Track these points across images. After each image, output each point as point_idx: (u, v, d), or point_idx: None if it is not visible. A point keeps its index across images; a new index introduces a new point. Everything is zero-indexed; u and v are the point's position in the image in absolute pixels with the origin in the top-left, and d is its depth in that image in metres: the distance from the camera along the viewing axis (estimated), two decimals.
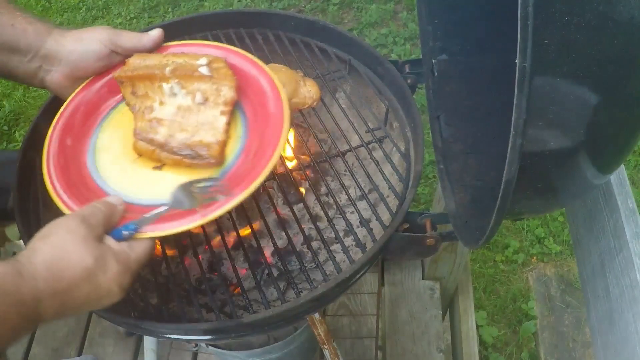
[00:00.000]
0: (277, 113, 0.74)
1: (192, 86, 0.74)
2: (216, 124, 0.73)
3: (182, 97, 0.74)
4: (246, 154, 0.72)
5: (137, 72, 0.76)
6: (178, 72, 0.74)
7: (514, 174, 0.49)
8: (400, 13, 2.97)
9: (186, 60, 0.76)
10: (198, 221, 0.65)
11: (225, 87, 0.74)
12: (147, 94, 0.75)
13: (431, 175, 2.27)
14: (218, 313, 0.77)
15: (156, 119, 0.74)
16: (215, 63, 0.76)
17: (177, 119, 0.74)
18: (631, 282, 0.69)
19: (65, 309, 0.57)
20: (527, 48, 0.42)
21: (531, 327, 1.91)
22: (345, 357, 1.56)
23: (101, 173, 0.74)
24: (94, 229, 0.60)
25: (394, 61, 1.01)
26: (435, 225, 0.84)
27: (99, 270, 0.58)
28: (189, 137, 0.72)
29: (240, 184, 0.67)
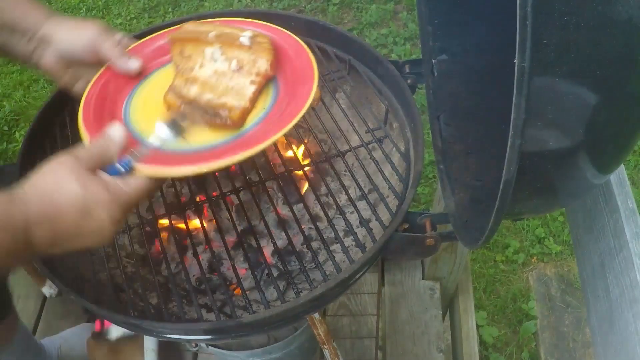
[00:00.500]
0: (303, 96, 0.76)
1: (231, 53, 0.79)
2: (244, 91, 0.77)
3: (220, 62, 0.79)
4: (264, 123, 0.76)
5: (189, 35, 0.83)
6: (221, 38, 0.80)
7: (513, 174, 0.49)
8: (400, 13, 2.97)
9: (233, 30, 0.82)
10: (200, 167, 0.67)
11: (262, 60, 0.78)
12: (191, 56, 0.81)
13: (431, 175, 2.27)
14: (218, 313, 0.78)
15: (192, 78, 0.79)
16: (259, 38, 0.81)
17: (211, 80, 0.78)
18: (631, 282, 0.69)
19: (57, 238, 0.58)
20: (526, 48, 0.42)
21: (531, 327, 1.91)
22: (345, 357, 1.56)
23: (132, 121, 0.78)
24: (85, 162, 0.61)
25: (394, 61, 1.01)
26: (435, 225, 0.84)
27: (89, 198, 0.59)
28: (215, 98, 0.77)
29: (249, 144, 0.69)
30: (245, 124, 0.76)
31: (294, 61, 0.83)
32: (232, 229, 0.91)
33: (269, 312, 0.73)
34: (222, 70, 0.79)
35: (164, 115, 0.78)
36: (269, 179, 0.95)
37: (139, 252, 1.03)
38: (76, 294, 0.77)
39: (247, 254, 0.87)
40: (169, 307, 0.94)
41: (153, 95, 0.82)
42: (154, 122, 0.75)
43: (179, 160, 0.68)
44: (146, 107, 0.80)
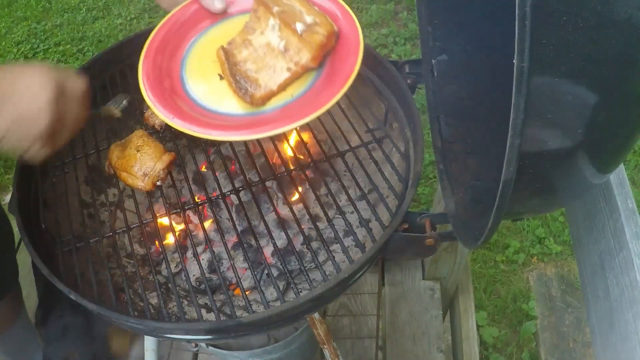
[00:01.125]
0: (333, 92, 0.76)
1: (284, 33, 0.80)
2: (278, 75, 0.78)
3: (275, 37, 0.80)
4: (282, 111, 0.76)
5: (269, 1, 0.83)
6: (282, 15, 0.80)
7: (512, 174, 0.49)
8: (400, 13, 2.97)
9: (302, 10, 0.80)
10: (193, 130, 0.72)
11: (305, 52, 0.78)
12: (260, 19, 0.82)
13: (431, 175, 2.27)
14: (218, 313, 0.78)
15: (248, 41, 0.81)
16: (318, 27, 0.78)
17: (260, 51, 0.80)
18: (631, 282, 0.69)
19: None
20: (525, 48, 0.42)
21: (531, 327, 1.91)
22: (346, 357, 1.56)
23: (187, 73, 0.82)
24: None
25: (394, 61, 1.01)
26: (434, 225, 0.84)
27: (24, 66, 0.61)
28: (252, 70, 0.78)
29: (255, 128, 0.71)
30: (265, 105, 0.77)
31: (344, 58, 0.80)
32: (232, 229, 0.91)
33: (269, 312, 0.73)
34: (272, 46, 0.80)
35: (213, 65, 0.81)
36: (269, 179, 0.95)
37: (139, 252, 1.03)
38: (76, 294, 0.77)
39: (247, 254, 0.87)
40: (169, 307, 0.94)
41: (218, 41, 0.83)
42: (205, 82, 0.79)
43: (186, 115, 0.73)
44: (205, 52, 0.83)
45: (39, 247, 0.84)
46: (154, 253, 1.03)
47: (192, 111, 0.76)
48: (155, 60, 0.81)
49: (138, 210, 0.94)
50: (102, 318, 0.80)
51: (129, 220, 0.93)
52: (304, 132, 1.09)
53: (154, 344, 1.11)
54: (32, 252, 0.81)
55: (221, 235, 0.89)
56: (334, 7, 0.84)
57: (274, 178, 0.95)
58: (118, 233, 0.93)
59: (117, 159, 0.93)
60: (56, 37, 3.14)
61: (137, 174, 0.91)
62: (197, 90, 0.80)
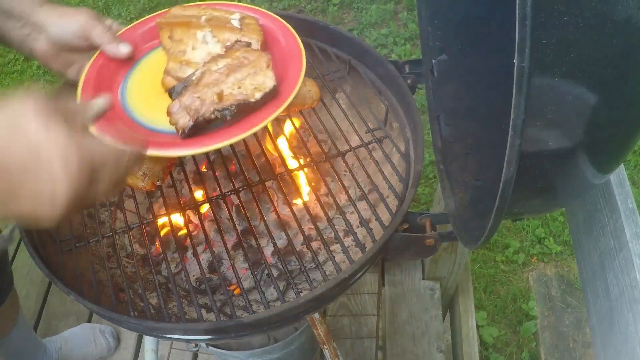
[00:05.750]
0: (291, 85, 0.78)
1: (222, 36, 0.82)
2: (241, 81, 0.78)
3: (212, 44, 0.82)
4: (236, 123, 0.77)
5: (177, 20, 0.85)
6: (212, 22, 0.83)
7: (512, 174, 0.49)
8: (400, 13, 2.97)
9: (222, 13, 0.85)
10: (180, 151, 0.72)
11: (253, 41, 0.81)
12: (182, 39, 0.83)
13: (431, 175, 2.27)
14: (218, 313, 0.78)
15: (186, 61, 0.81)
16: (247, 19, 0.84)
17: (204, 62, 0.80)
18: (631, 282, 0.69)
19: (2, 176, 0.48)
20: (525, 48, 0.42)
21: (531, 327, 1.91)
22: (346, 357, 1.56)
23: (129, 102, 0.80)
24: (57, 107, 0.52)
25: (394, 61, 1.01)
26: (435, 225, 0.84)
27: (43, 135, 0.48)
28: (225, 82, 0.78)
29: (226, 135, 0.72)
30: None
31: (281, 43, 0.85)
32: (232, 229, 0.91)
33: (269, 312, 0.73)
34: (215, 52, 0.80)
35: (161, 97, 0.79)
36: (269, 179, 0.95)
37: (139, 252, 1.03)
38: (76, 294, 0.77)
39: (247, 254, 0.87)
40: (169, 307, 0.94)
41: (147, 78, 0.84)
42: (152, 105, 0.78)
43: (161, 142, 0.72)
44: (142, 91, 0.82)
45: (39, 247, 0.83)
46: (154, 253, 1.03)
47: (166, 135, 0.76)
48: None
49: (138, 210, 0.94)
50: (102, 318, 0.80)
51: (129, 220, 0.93)
52: (304, 133, 1.09)
53: (154, 344, 1.11)
54: (32, 252, 0.81)
55: (221, 235, 0.88)
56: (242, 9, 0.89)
57: (274, 178, 0.95)
58: (118, 233, 0.93)
59: None
60: None
61: (137, 174, 0.91)
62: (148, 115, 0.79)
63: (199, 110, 0.71)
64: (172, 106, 0.73)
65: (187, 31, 0.83)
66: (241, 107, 0.72)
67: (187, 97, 0.72)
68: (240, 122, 0.73)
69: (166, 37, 0.85)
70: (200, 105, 0.72)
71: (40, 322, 1.69)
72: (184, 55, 0.82)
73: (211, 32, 0.82)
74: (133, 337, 1.65)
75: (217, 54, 0.79)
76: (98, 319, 1.64)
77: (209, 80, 0.74)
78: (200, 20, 0.84)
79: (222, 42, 0.81)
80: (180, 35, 0.84)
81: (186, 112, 0.72)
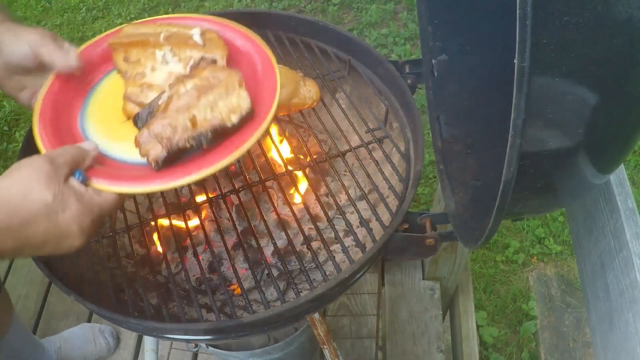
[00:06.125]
0: (267, 101, 0.71)
1: (184, 54, 0.76)
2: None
3: (174, 64, 0.76)
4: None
5: (131, 39, 0.78)
6: (171, 39, 0.77)
7: (513, 174, 0.49)
8: (400, 13, 2.97)
9: (180, 29, 0.78)
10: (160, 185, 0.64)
11: (218, 57, 0.75)
12: (140, 61, 0.77)
13: (431, 175, 2.27)
14: (218, 313, 0.78)
15: (147, 84, 0.75)
16: (207, 34, 0.77)
17: (168, 84, 0.73)
18: (631, 282, 0.69)
19: (22, 246, 0.57)
20: (525, 48, 0.42)
21: (531, 327, 1.91)
22: (346, 357, 1.56)
23: (89, 132, 0.74)
24: (58, 168, 0.60)
25: (394, 61, 1.01)
26: (435, 225, 0.84)
27: (58, 207, 0.58)
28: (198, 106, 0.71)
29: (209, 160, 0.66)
30: None
31: (243, 52, 0.79)
32: (232, 229, 0.91)
33: (269, 312, 0.73)
34: (178, 72, 0.74)
35: (125, 124, 0.74)
36: (269, 179, 0.95)
37: (139, 252, 1.03)
38: (76, 294, 0.77)
39: (247, 254, 0.87)
40: (169, 307, 0.94)
41: (107, 104, 0.77)
42: (116, 133, 0.72)
43: (135, 177, 0.66)
44: (104, 118, 0.75)
45: None
46: (154, 253, 1.03)
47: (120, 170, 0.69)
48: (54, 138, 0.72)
49: (138, 210, 0.94)
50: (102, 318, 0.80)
51: (129, 220, 0.93)
52: (304, 133, 1.09)
53: (154, 344, 1.11)
54: None
55: (221, 235, 0.88)
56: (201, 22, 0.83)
57: (274, 178, 0.95)
58: (118, 233, 0.93)
59: None
60: None
61: None
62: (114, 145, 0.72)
63: (171, 139, 0.65)
64: (141, 136, 0.66)
65: (143, 51, 0.77)
66: (217, 132, 0.66)
67: (157, 125, 0.65)
68: (218, 147, 0.67)
69: (121, 59, 0.78)
70: (172, 133, 0.65)
71: (40, 322, 1.69)
72: (143, 77, 0.76)
73: (171, 51, 0.76)
74: (133, 337, 1.65)
75: (180, 74, 0.73)
76: (98, 319, 1.64)
77: (178, 105, 0.67)
78: (158, 38, 0.77)
79: (184, 61, 0.75)
80: (137, 56, 0.77)
81: (157, 142, 0.65)
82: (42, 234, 0.57)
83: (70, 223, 0.59)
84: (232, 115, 0.67)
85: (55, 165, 0.60)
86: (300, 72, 1.03)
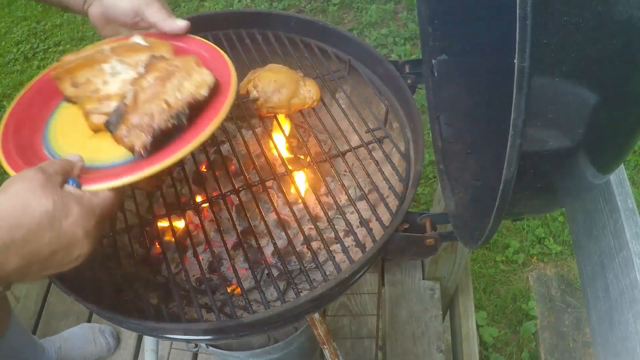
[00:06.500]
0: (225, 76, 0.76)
1: (132, 59, 0.78)
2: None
3: (125, 71, 0.77)
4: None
5: (75, 63, 0.78)
6: (117, 50, 0.78)
7: (513, 174, 0.49)
8: (400, 13, 2.97)
9: (120, 42, 0.81)
10: (143, 171, 0.66)
11: (164, 53, 0.78)
12: (89, 80, 0.77)
13: (431, 175, 2.27)
14: (218, 313, 0.78)
15: (104, 96, 0.75)
16: (148, 38, 0.81)
17: (126, 89, 0.75)
18: (631, 282, 0.69)
19: (30, 263, 0.55)
20: (525, 48, 0.42)
21: (531, 327, 1.91)
22: (346, 357, 1.56)
23: (59, 155, 0.74)
24: (52, 177, 0.59)
25: (394, 61, 1.01)
26: (435, 225, 0.84)
27: (60, 213, 0.56)
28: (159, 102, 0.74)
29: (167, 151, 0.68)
30: None
31: (190, 50, 0.83)
32: (232, 229, 0.91)
33: (269, 312, 0.73)
34: (132, 78, 0.75)
35: (93, 139, 0.74)
36: (269, 179, 0.95)
37: (139, 252, 1.03)
38: (76, 294, 0.77)
39: (247, 254, 0.87)
40: (169, 307, 0.94)
41: (67, 129, 0.77)
42: (88, 147, 0.72)
43: (121, 172, 0.67)
44: (69, 140, 0.76)
45: None
46: (154, 253, 1.03)
47: (123, 166, 0.70)
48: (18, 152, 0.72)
49: (138, 210, 0.94)
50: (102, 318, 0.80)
51: (129, 220, 0.93)
52: (304, 133, 1.09)
53: (154, 344, 1.11)
54: None
55: (221, 235, 0.88)
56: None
57: (274, 178, 0.95)
58: (118, 233, 0.93)
59: None
60: (56, 37, 3.14)
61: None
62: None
63: (151, 124, 0.67)
64: (120, 132, 0.67)
65: (91, 70, 0.77)
66: (193, 107, 0.70)
67: (134, 118, 0.67)
68: (196, 124, 0.70)
69: (68, 86, 0.77)
70: (150, 120, 0.67)
71: (40, 322, 1.69)
72: (97, 93, 0.75)
73: (119, 60, 0.77)
74: (133, 337, 1.65)
75: (133, 78, 0.74)
76: (98, 318, 1.64)
77: (147, 96, 0.69)
78: (103, 53, 0.78)
79: (134, 66, 0.76)
80: (85, 77, 0.77)
81: (139, 131, 0.67)
82: (48, 245, 0.55)
83: (75, 228, 0.57)
84: (201, 90, 0.71)
85: (47, 175, 0.58)
86: (300, 72, 1.03)
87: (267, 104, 0.97)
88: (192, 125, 0.70)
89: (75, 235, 0.57)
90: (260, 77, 0.99)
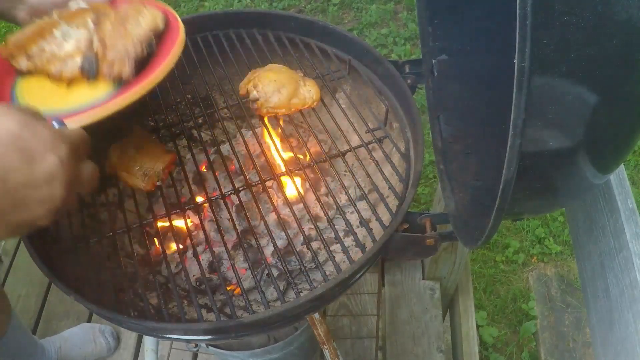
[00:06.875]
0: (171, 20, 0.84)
1: (79, 20, 0.82)
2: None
3: (76, 32, 0.82)
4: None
5: (24, 38, 0.82)
6: (62, 14, 0.83)
7: (513, 174, 0.49)
8: (400, 13, 2.97)
9: (61, 11, 0.84)
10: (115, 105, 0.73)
11: (104, 9, 0.84)
12: (44, 49, 0.81)
13: (431, 175, 2.27)
14: (218, 313, 0.77)
15: (67, 55, 0.80)
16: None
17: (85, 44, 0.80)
18: (631, 282, 0.69)
19: (4, 193, 0.48)
20: (525, 48, 0.42)
21: (531, 327, 1.91)
22: (346, 357, 1.56)
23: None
24: (28, 109, 0.53)
25: (394, 61, 1.01)
26: (435, 225, 0.83)
27: (27, 132, 0.49)
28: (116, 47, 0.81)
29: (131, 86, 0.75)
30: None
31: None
32: (232, 229, 0.91)
33: (269, 312, 0.73)
34: (85, 37, 0.81)
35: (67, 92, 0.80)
36: (269, 179, 0.95)
37: (139, 252, 1.03)
38: (76, 294, 0.77)
39: (247, 254, 0.86)
40: (169, 307, 0.94)
41: (36, 93, 0.80)
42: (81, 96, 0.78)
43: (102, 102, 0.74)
44: (43, 96, 0.79)
45: (39, 248, 0.83)
46: (154, 253, 1.03)
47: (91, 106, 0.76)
48: None
49: (138, 210, 0.94)
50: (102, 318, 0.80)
51: (129, 220, 0.93)
52: (304, 133, 1.09)
53: (154, 344, 1.11)
54: (32, 252, 0.81)
55: (221, 235, 0.88)
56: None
57: (274, 178, 0.95)
58: (118, 233, 0.93)
59: (118, 159, 0.93)
60: None
61: (137, 174, 0.91)
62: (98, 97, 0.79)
63: (130, 53, 0.76)
64: (103, 69, 0.76)
65: (42, 40, 0.80)
66: (157, 35, 0.80)
67: (110, 54, 0.77)
68: (157, 59, 0.79)
69: (24, 61, 0.80)
70: (126, 51, 0.76)
71: (40, 322, 1.69)
72: (56, 56, 0.79)
73: (67, 23, 0.81)
74: (133, 337, 1.65)
75: (87, 32, 0.80)
76: (98, 318, 1.64)
77: (114, 36, 0.78)
78: (51, 21, 0.82)
79: (83, 25, 0.81)
80: (38, 47, 0.80)
81: (120, 60, 0.76)
82: (18, 170, 0.48)
83: (45, 149, 0.50)
84: (157, 21, 0.82)
85: (16, 105, 0.58)
86: (300, 72, 1.03)
87: (267, 104, 0.97)
88: (154, 60, 0.79)
89: (47, 159, 0.50)
90: (260, 77, 0.99)
